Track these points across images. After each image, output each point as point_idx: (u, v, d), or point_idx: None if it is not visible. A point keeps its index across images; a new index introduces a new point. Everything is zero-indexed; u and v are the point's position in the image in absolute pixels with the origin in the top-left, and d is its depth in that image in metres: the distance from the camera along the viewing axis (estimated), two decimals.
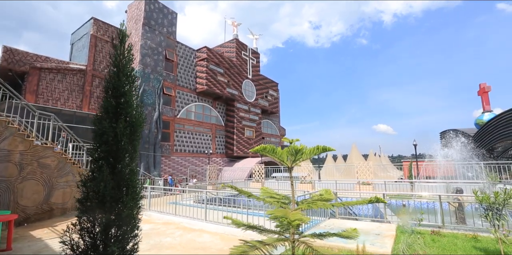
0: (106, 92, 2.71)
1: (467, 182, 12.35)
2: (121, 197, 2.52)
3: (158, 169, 20.63)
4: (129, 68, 2.82)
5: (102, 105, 2.66)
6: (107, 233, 2.44)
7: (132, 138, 2.71)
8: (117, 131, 2.55)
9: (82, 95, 19.68)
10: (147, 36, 21.71)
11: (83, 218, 2.45)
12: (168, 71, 23.54)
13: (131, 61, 2.87)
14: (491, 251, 4.77)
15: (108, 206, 2.45)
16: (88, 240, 2.42)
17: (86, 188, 2.49)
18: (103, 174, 2.45)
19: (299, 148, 2.71)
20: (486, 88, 27.21)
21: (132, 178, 2.65)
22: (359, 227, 6.79)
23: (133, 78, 2.82)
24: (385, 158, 41.45)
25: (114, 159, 2.58)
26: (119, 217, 2.50)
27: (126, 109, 2.69)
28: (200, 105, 26.49)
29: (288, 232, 2.78)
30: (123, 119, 2.63)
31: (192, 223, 7.70)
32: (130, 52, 2.86)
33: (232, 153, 28.15)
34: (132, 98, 2.77)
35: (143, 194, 2.95)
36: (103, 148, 2.54)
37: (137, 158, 2.83)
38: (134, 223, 2.63)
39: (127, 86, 2.75)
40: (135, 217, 2.65)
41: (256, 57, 33.67)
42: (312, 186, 15.54)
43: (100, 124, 2.56)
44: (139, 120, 2.78)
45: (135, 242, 2.66)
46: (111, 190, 2.46)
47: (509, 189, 4.27)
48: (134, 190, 2.66)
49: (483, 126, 22.41)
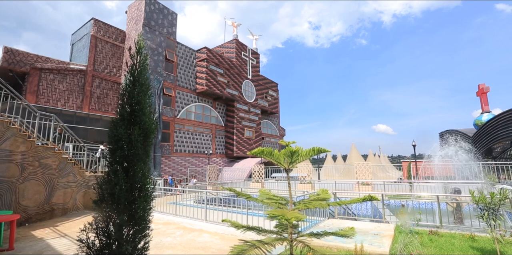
0: (122, 99, 2.85)
1: (465, 182, 12.42)
2: (134, 199, 2.69)
3: (158, 169, 20.69)
4: (144, 77, 2.95)
5: (118, 112, 2.80)
6: (121, 232, 2.59)
7: (145, 144, 2.86)
8: (131, 138, 2.70)
9: (83, 95, 19.74)
10: (147, 37, 21.78)
11: (98, 218, 2.60)
12: (168, 71, 23.60)
13: (147, 70, 3.01)
14: (487, 251, 4.83)
15: (122, 207, 2.61)
16: (103, 239, 2.57)
17: (102, 190, 2.64)
18: (118, 177, 2.60)
19: (295, 150, 2.78)
20: (485, 89, 27.30)
21: (144, 181, 2.81)
22: (358, 227, 6.86)
23: (147, 87, 2.95)
24: (385, 158, 41.52)
25: (128, 163, 2.73)
26: (132, 218, 2.65)
27: (140, 116, 2.83)
28: (200, 105, 26.55)
29: (287, 232, 2.85)
30: (137, 126, 2.78)
31: (192, 223, 7.76)
32: (146, 62, 2.99)
33: (232, 154, 28.21)
34: (146, 106, 2.90)
35: (154, 196, 3.10)
36: (118, 153, 2.69)
37: (149, 163, 2.99)
38: (145, 223, 2.79)
39: (141, 94, 2.88)
40: (146, 218, 2.80)
41: (256, 57, 33.75)
42: (311, 186, 15.60)
43: (116, 130, 2.70)
44: (152, 127, 2.92)
45: (146, 241, 2.82)
46: (125, 192, 2.62)
47: (505, 190, 4.34)
48: (146, 192, 2.82)
49: (482, 127, 22.50)
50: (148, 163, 2.98)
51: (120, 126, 2.73)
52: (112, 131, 2.73)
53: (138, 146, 2.75)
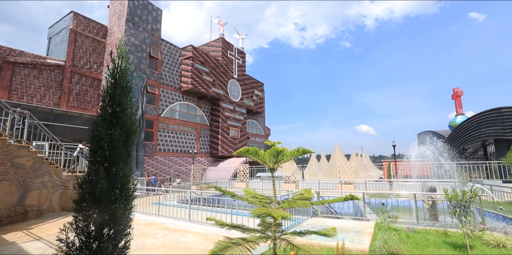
0: (103, 101, 2.94)
1: (441, 181, 13.04)
2: (115, 198, 2.75)
3: (140, 169, 20.18)
4: (126, 79, 3.05)
5: (100, 113, 2.88)
6: (101, 231, 2.64)
7: (127, 144, 2.94)
8: (113, 138, 2.78)
9: (60, 92, 18.88)
10: (131, 33, 21.16)
11: (79, 218, 2.64)
12: (152, 69, 23.07)
13: (128, 74, 3.11)
14: (458, 245, 5.11)
15: (103, 206, 2.66)
16: (83, 238, 2.61)
17: (82, 189, 2.69)
18: (99, 177, 2.65)
19: (281, 150, 2.82)
20: (459, 93, 28.76)
21: (125, 180, 2.88)
22: (340, 225, 7.04)
23: (128, 89, 3.05)
24: (367, 158, 42.77)
25: (109, 163, 2.80)
26: (113, 217, 2.71)
27: (121, 117, 2.91)
28: (184, 104, 26.16)
29: (270, 230, 2.88)
30: (119, 127, 2.86)
31: (175, 223, 7.65)
32: (127, 66, 3.09)
33: (217, 153, 28.02)
34: (128, 107, 3.00)
35: (135, 196, 3.16)
36: (99, 152, 2.75)
37: (130, 162, 3.07)
38: (126, 222, 2.85)
39: (123, 96, 2.98)
40: (127, 217, 2.87)
41: (242, 56, 33.69)
42: (295, 185, 15.81)
43: (97, 130, 2.77)
44: (133, 128, 3.02)
45: (127, 240, 2.88)
46: (106, 192, 2.67)
47: (475, 188, 4.61)
48: (127, 192, 2.89)
49: (456, 128, 23.71)
50: (130, 163, 3.02)
51: (101, 127, 2.79)
52: (93, 131, 2.79)
53: (120, 146, 2.81)
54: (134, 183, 3.05)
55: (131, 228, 2.93)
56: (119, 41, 3.17)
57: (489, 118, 18.65)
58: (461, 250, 4.81)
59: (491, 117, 18.52)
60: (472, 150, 25.77)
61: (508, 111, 17.55)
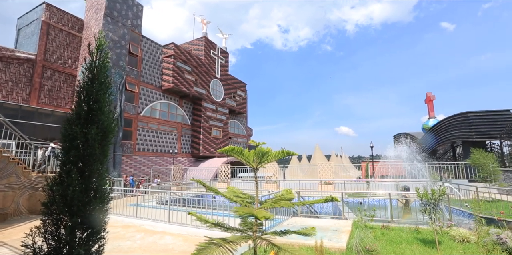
0: (79, 97, 2.75)
1: (414, 180, 13.70)
2: (89, 201, 2.61)
3: (118, 169, 19.44)
4: (104, 75, 2.86)
5: (74, 110, 2.69)
6: (73, 235, 2.50)
7: (103, 143, 2.80)
8: (88, 137, 2.62)
9: (30, 87, 17.76)
10: (109, 28, 20.35)
11: (48, 221, 2.48)
12: (132, 66, 22.32)
13: (107, 68, 2.92)
14: (428, 241, 5.41)
15: (76, 209, 2.51)
16: (52, 243, 2.46)
17: (53, 191, 2.52)
18: (71, 178, 2.50)
19: (266, 151, 2.84)
20: (431, 97, 30.45)
21: (100, 182, 2.75)
22: (319, 224, 7.20)
23: (107, 85, 2.87)
24: (346, 158, 43.99)
25: (83, 164, 2.65)
26: (87, 220, 2.58)
27: (98, 115, 2.75)
28: (165, 103, 25.56)
29: (251, 230, 2.89)
30: (95, 125, 2.70)
31: (154, 225, 7.45)
32: (107, 59, 2.90)
33: (198, 153, 27.63)
34: (105, 105, 2.83)
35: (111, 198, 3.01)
36: (73, 152, 2.58)
37: (106, 163, 2.93)
38: (100, 225, 2.73)
39: (100, 92, 2.80)
40: (102, 220, 2.75)
41: (225, 56, 33.49)
42: (277, 186, 15.95)
43: (71, 129, 2.59)
44: (111, 126, 2.85)
45: (100, 244, 2.76)
46: (79, 193, 2.52)
47: (443, 187, 4.90)
48: (102, 194, 2.76)
49: (428, 131, 25.07)
50: (106, 163, 2.89)
51: (76, 125, 2.62)
52: (66, 130, 2.61)
53: (95, 145, 2.67)
54: (110, 185, 2.91)
55: (105, 232, 2.80)
56: (99, 32, 2.99)
57: (457, 122, 19.90)
58: (431, 245, 5.09)
59: (459, 121, 19.77)
60: (443, 152, 27.35)
61: (474, 115, 18.83)
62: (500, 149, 18.26)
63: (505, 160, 17.04)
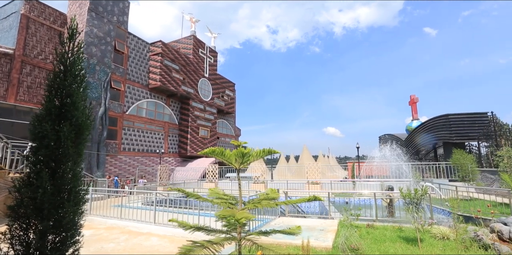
0: (50, 92, 2.52)
1: (398, 180, 14.10)
2: (61, 203, 2.42)
3: (102, 170, 18.88)
4: (78, 67, 2.63)
5: (44, 106, 2.47)
6: (44, 240, 2.32)
7: (78, 141, 2.60)
8: (60, 135, 2.41)
9: (8, 83, 16.96)
10: (94, 23, 19.75)
11: (15, 226, 2.29)
12: (118, 63, 21.76)
13: (81, 60, 2.68)
14: (410, 239, 5.57)
15: (46, 212, 2.32)
16: (20, 249, 2.27)
17: (21, 194, 2.32)
18: (41, 179, 2.30)
19: (246, 151, 2.83)
20: (415, 99, 31.43)
21: (75, 183, 2.56)
22: (306, 224, 7.26)
23: (82, 79, 2.65)
24: (333, 159, 44.66)
25: (55, 164, 2.45)
26: (59, 224, 2.39)
27: (72, 111, 2.54)
28: (152, 102, 25.08)
29: (236, 231, 2.87)
30: (68, 122, 2.49)
31: (139, 226, 7.29)
32: (81, 50, 2.67)
33: (185, 153, 27.28)
34: (80, 100, 2.62)
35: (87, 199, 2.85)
36: (42, 152, 2.38)
37: (81, 162, 2.73)
38: (75, 229, 2.57)
39: (74, 86, 2.57)
40: (76, 223, 2.58)
41: (213, 56, 33.25)
42: (264, 186, 15.98)
43: (40, 126, 2.38)
44: (86, 123, 2.65)
45: (75, 249, 2.60)
46: (50, 196, 2.33)
47: (425, 187, 5.07)
48: (77, 195, 2.58)
49: (411, 132, 25.86)
50: (81, 162, 2.71)
51: (46, 122, 2.42)
52: (35, 127, 2.40)
53: (68, 144, 2.48)
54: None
55: (81, 235, 2.64)
56: (71, 20, 2.68)
57: (439, 124, 20.64)
58: (413, 243, 5.25)
59: (440, 123, 20.51)
60: (425, 152, 28.29)
61: (454, 118, 19.59)
62: (478, 150, 19.09)
63: (482, 161, 17.82)
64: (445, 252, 4.74)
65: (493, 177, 12.49)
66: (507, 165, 8.58)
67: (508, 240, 4.92)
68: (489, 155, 16.51)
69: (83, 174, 17.10)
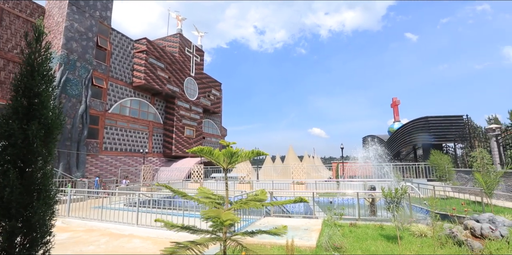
0: (16, 91, 2.54)
1: (380, 180, 14.53)
2: (30, 203, 2.40)
3: (82, 170, 18.18)
4: (46, 67, 2.66)
5: (11, 105, 2.48)
6: (11, 241, 2.29)
7: (47, 140, 2.60)
8: (28, 133, 2.42)
9: None
10: (74, 18, 18.99)
11: None
12: (100, 60, 21.05)
13: (49, 60, 2.69)
14: (391, 237, 5.76)
15: (14, 212, 2.29)
16: None
17: None
18: (8, 178, 2.27)
19: (235, 151, 2.82)
20: (397, 102, 32.54)
21: (45, 182, 2.53)
22: (291, 224, 7.33)
23: (50, 78, 2.66)
24: (318, 159, 45.38)
25: (23, 163, 2.44)
26: (27, 224, 2.37)
27: (40, 110, 2.55)
28: (136, 100, 24.46)
29: (221, 231, 2.86)
30: (36, 121, 2.50)
31: (121, 228, 7.08)
32: (48, 51, 2.68)
33: (170, 153, 26.81)
34: (49, 99, 2.63)
35: (58, 199, 2.78)
36: (9, 150, 2.36)
37: (52, 161, 2.71)
38: (45, 229, 2.53)
39: (43, 86, 2.59)
40: (47, 223, 2.54)
41: (200, 54, 32.91)
42: (250, 186, 15.99)
43: (7, 125, 2.39)
44: (56, 122, 2.66)
45: (46, 249, 2.57)
46: (18, 195, 2.30)
47: (405, 186, 5.26)
48: (48, 194, 2.54)
49: (393, 134, 26.75)
50: (51, 162, 2.69)
51: (13, 120, 2.42)
52: (1, 126, 2.40)
53: (37, 143, 2.48)
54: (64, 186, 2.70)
55: (52, 236, 2.62)
56: (37, 21, 2.70)
57: (418, 126, 21.47)
58: (393, 241, 5.43)
59: (420, 125, 21.34)
60: (405, 153, 29.33)
61: (433, 120, 20.45)
62: (454, 151, 20.02)
63: (458, 161, 18.70)
64: (423, 249, 4.94)
65: (468, 177, 13.14)
66: (480, 165, 9.05)
67: (480, 236, 5.20)
68: (464, 156, 17.37)
69: (62, 174, 16.41)
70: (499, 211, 7.52)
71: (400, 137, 24.33)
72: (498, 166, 12.71)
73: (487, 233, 5.07)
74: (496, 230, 5.05)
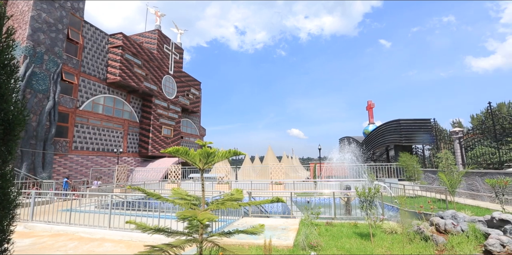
0: None
1: (355, 180, 15.07)
2: None
3: (48, 170, 17.02)
4: (8, 56, 2.40)
5: None
6: None
7: (7, 138, 2.36)
8: None
9: None
10: (42, 7, 17.77)
11: None
12: (71, 54, 19.87)
13: (12, 48, 2.43)
14: (364, 234, 6.00)
15: None
16: None
17: None
18: None
19: (211, 151, 2.79)
20: (372, 105, 33.95)
21: (3, 184, 2.31)
22: (269, 223, 7.38)
23: (12, 69, 2.41)
24: (296, 160, 46.11)
25: None
26: None
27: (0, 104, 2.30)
28: (110, 97, 23.38)
29: (197, 233, 2.81)
30: None
31: (91, 232, 6.72)
32: (10, 37, 2.42)
33: (146, 152, 25.92)
34: (9, 92, 2.38)
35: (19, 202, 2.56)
36: None
37: (12, 161, 2.47)
38: (2, 236, 2.31)
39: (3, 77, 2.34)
40: (5, 229, 2.33)
41: (179, 52, 32.20)
42: (229, 186, 15.89)
43: None
44: (19, 117, 2.40)
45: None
46: None
47: (378, 185, 5.50)
48: (6, 198, 2.31)
49: (367, 135, 27.90)
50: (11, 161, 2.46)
51: None
52: None
53: None
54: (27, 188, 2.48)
55: (10, 243, 2.40)
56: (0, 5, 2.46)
57: (391, 128, 22.56)
58: (366, 238, 5.65)
59: (392, 127, 22.43)
60: (379, 154, 30.68)
61: (404, 122, 21.58)
62: (422, 153, 21.28)
63: (425, 162, 19.91)
64: (393, 245, 5.19)
65: (434, 176, 14.03)
66: (444, 165, 9.70)
67: (444, 231, 5.56)
68: (431, 157, 18.53)
69: (25, 175, 15.25)
70: (461, 208, 8.11)
71: (374, 139, 25.42)
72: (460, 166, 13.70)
73: (450, 229, 5.44)
74: (457, 226, 5.43)
